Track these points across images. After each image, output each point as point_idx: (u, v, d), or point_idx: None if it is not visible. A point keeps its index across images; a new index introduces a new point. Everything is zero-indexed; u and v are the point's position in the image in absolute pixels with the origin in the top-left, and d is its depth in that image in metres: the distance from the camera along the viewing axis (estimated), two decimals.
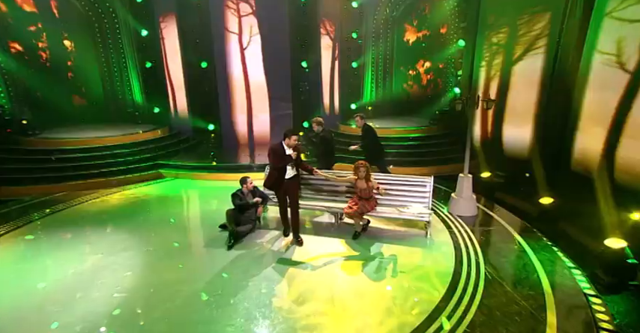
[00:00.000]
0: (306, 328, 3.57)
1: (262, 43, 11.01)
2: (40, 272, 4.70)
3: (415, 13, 11.88)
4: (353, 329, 3.58)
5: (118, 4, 10.37)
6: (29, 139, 8.76)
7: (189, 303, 3.99)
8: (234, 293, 4.14)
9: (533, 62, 7.30)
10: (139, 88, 11.16)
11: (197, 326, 3.62)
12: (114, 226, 6.13)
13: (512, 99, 7.97)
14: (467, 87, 9.48)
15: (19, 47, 9.31)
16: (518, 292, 4.11)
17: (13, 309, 3.94)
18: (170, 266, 4.80)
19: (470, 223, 6.03)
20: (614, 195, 5.25)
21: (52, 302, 4.00)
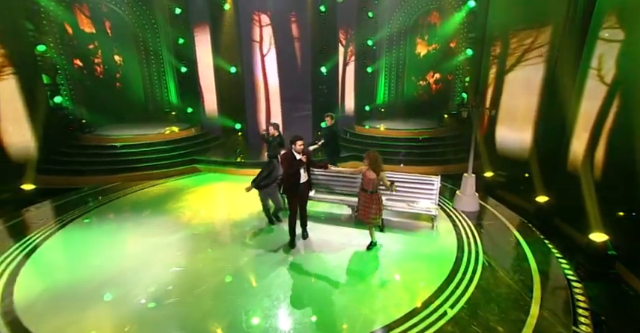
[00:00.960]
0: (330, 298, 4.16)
1: (284, 50, 11.55)
2: (100, 252, 5.29)
3: (426, 27, 12.19)
4: (371, 303, 4.14)
5: (159, 16, 11.06)
6: (85, 135, 9.56)
7: (232, 278, 4.61)
8: (269, 271, 4.75)
9: (534, 71, 7.62)
10: (175, 90, 11.84)
11: (238, 298, 4.20)
12: (160, 213, 6.74)
13: (514, 104, 8.29)
14: (473, 92, 9.83)
15: (80, 63, 10.29)
16: (510, 277, 4.61)
17: (72, 286, 4.43)
18: (213, 247, 5.44)
19: (472, 218, 6.48)
20: (597, 193, 5.62)
21: (108, 279, 4.56)
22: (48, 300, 4.16)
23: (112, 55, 11.01)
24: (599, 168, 5.91)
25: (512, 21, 8.16)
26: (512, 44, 8.05)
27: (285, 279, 4.59)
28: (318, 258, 5.13)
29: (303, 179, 5.21)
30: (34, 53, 8.86)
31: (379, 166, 4.85)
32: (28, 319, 3.80)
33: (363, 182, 5.03)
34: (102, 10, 10.58)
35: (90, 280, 4.54)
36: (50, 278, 4.65)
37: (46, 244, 5.49)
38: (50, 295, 4.25)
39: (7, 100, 8.05)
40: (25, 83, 8.32)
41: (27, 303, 4.08)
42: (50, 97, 9.28)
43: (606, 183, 5.76)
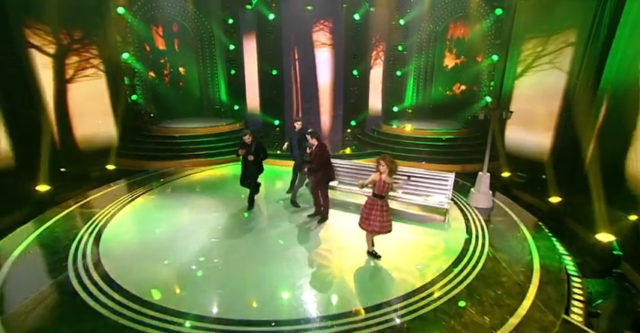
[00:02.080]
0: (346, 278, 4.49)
1: (320, 55, 11.84)
2: (159, 223, 5.95)
3: (454, 41, 11.91)
4: (371, 282, 4.40)
5: (215, 26, 11.77)
6: (153, 127, 10.50)
7: (264, 246, 5.08)
8: (293, 245, 5.17)
9: (556, 77, 7.31)
10: (225, 90, 12.59)
11: (264, 266, 4.64)
12: (206, 194, 7.37)
13: (535, 108, 8.00)
14: (497, 96, 9.54)
15: (153, 74, 11.40)
16: (512, 268, 4.64)
17: (141, 248, 5.09)
18: (249, 222, 5.96)
19: (484, 214, 6.46)
20: (607, 196, 5.41)
21: (166, 244, 5.17)
22: (123, 258, 4.82)
23: (178, 67, 12.09)
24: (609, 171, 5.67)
25: (537, 28, 7.83)
26: (536, 50, 7.75)
27: (307, 253, 4.96)
28: (339, 240, 5.44)
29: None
30: (120, 60, 9.94)
31: (392, 168, 4.37)
32: (113, 272, 4.46)
33: (377, 188, 4.41)
34: (172, 30, 11.65)
35: (153, 244, 5.19)
36: (124, 241, 5.31)
37: (121, 213, 6.29)
38: (124, 255, 4.91)
39: (98, 98, 9.15)
40: (111, 84, 9.40)
41: (109, 259, 4.77)
42: (129, 95, 10.37)
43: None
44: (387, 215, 4.51)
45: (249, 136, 5.99)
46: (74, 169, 8.17)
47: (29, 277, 4.37)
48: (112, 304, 3.78)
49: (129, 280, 4.22)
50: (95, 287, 4.07)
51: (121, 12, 9.70)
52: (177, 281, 4.27)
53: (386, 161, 4.34)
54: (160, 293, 4.00)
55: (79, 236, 5.34)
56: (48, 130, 7.65)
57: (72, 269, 4.45)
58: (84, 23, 8.66)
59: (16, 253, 4.92)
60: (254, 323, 3.56)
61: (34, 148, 7.30)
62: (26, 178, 6.96)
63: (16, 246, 5.09)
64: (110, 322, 3.52)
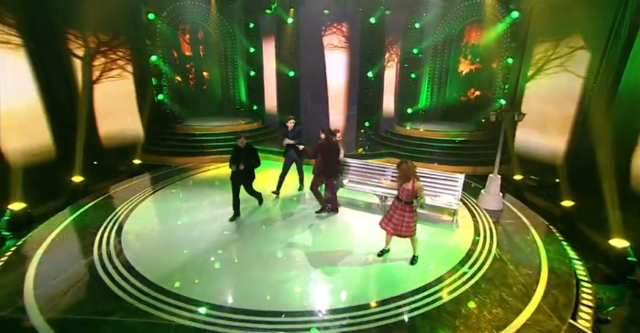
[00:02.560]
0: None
1: (336, 57, 11.78)
2: (178, 214, 6.10)
3: (470, 47, 11.53)
4: (380, 278, 4.33)
5: (237, 30, 11.95)
6: (177, 125, 10.77)
7: (277, 239, 5.09)
8: (309, 236, 5.17)
9: (573, 80, 6.95)
10: (245, 90, 12.75)
11: (282, 253, 4.70)
12: (223, 189, 7.29)
13: (549, 112, 7.64)
14: (511, 98, 9.18)
15: (180, 79, 11.72)
16: (518, 271, 4.45)
17: (160, 237, 5.24)
18: (263, 217, 5.97)
19: (494, 216, 6.23)
20: (621, 201, 5.09)
21: (183, 235, 5.28)
22: (143, 247, 4.99)
23: (202, 71, 12.36)
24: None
25: (553, 30, 7.47)
26: (552, 52, 7.39)
27: (318, 248, 4.95)
28: (348, 236, 5.42)
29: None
30: (148, 62, 10.26)
31: (408, 174, 4.12)
32: (132, 259, 4.61)
33: (401, 194, 4.25)
34: (198, 37, 11.92)
35: (172, 234, 5.32)
36: (145, 231, 5.46)
37: (143, 205, 6.48)
38: (143, 243, 5.08)
39: (127, 97, 9.48)
40: (140, 84, 9.72)
41: (130, 247, 4.94)
42: (155, 95, 10.69)
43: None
44: (407, 220, 4.26)
45: (244, 139, 5.54)
46: (104, 163, 8.50)
47: (60, 258, 4.58)
48: (130, 288, 3.91)
49: (146, 266, 4.34)
50: (115, 272, 4.22)
51: (151, 18, 10.00)
52: (191, 271, 4.34)
53: (399, 168, 4.20)
54: (174, 281, 4.08)
55: (104, 224, 5.55)
56: (82, 127, 7.99)
57: (96, 254, 4.63)
58: (117, 28, 9.00)
59: (52, 236, 5.18)
60: (265, 314, 3.56)
61: (71, 143, 7.66)
62: (64, 170, 7.32)
63: (52, 230, 5.37)
64: (126, 304, 3.64)
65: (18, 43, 6.79)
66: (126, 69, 9.29)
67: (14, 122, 6.64)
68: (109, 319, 3.43)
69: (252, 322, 3.45)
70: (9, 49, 6.66)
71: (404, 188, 4.18)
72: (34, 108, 7.11)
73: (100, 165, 8.35)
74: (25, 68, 6.97)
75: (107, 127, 8.85)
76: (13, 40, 6.70)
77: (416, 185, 4.10)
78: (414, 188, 4.11)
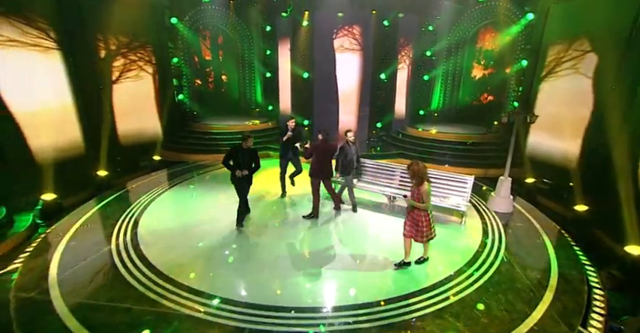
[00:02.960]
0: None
1: (348, 59, 11.66)
2: (193, 208, 6.18)
3: (483, 52, 11.16)
4: (391, 279, 4.22)
5: (254, 33, 12.04)
6: (195, 124, 10.96)
7: (288, 236, 5.05)
8: (321, 234, 5.09)
9: (589, 81, 6.57)
10: (261, 91, 12.83)
11: (293, 250, 4.65)
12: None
13: (564, 114, 7.26)
14: (525, 101, 8.80)
15: (199, 82, 11.95)
16: (526, 274, 4.24)
17: (174, 230, 5.27)
18: (277, 213, 5.96)
19: (503, 219, 6.00)
20: (638, 206, 4.75)
21: (197, 229, 5.31)
22: (157, 238, 5.05)
23: (221, 75, 12.53)
24: None
25: (569, 31, 7.09)
26: (567, 54, 7.02)
27: (329, 247, 4.87)
28: (359, 236, 5.34)
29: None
30: (170, 64, 10.49)
31: (422, 177, 3.84)
32: (147, 251, 4.70)
33: (413, 196, 4.04)
34: (218, 42, 12.10)
35: (186, 227, 5.37)
36: (160, 223, 5.54)
37: (160, 198, 6.59)
38: (158, 235, 5.14)
39: (149, 97, 9.71)
40: (161, 85, 9.94)
41: (144, 238, 5.03)
42: (176, 95, 10.92)
43: None
44: (418, 225, 4.01)
45: (251, 141, 5.06)
46: (127, 159, 8.74)
47: (82, 247, 4.72)
48: (142, 277, 3.97)
49: (159, 257, 4.40)
50: (130, 261, 4.30)
51: (173, 22, 10.21)
52: (202, 263, 4.36)
53: (409, 169, 3.91)
54: (184, 273, 4.11)
55: (123, 216, 5.69)
56: (107, 124, 8.24)
57: (114, 244, 4.74)
58: (142, 31, 9.21)
59: (76, 226, 5.36)
60: (274, 309, 3.51)
61: (97, 140, 7.91)
62: (90, 165, 7.57)
63: (77, 220, 5.55)
64: (138, 293, 3.70)
65: (53, 47, 7.06)
66: (148, 70, 9.51)
67: (49, 120, 6.92)
68: (120, 306, 3.49)
69: (263, 317, 3.41)
70: (46, 52, 6.94)
71: (412, 190, 4.00)
72: (66, 107, 7.39)
73: (123, 160, 8.58)
74: (60, 70, 7.25)
75: (129, 125, 9.07)
76: (46, 44, 6.98)
77: (422, 189, 3.84)
78: (420, 192, 3.87)
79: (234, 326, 3.29)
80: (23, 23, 6.46)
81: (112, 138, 8.38)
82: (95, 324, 3.26)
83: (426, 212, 3.97)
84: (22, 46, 6.51)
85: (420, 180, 3.84)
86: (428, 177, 3.89)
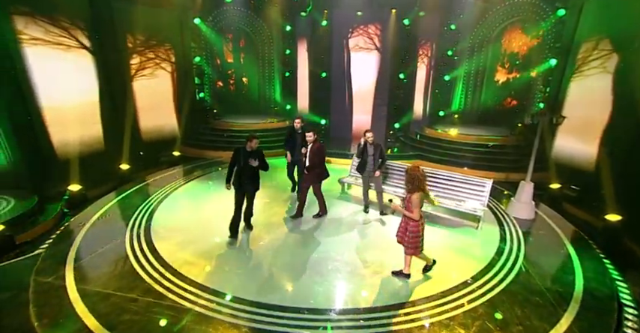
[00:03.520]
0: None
1: (367, 59, 11.39)
2: (209, 204, 6.17)
3: (508, 55, 10.53)
4: (401, 284, 4.01)
5: (274, 33, 12.03)
6: (215, 121, 11.10)
7: (302, 237, 4.94)
8: (335, 235, 4.95)
9: (625, 80, 5.96)
10: (280, 90, 12.83)
11: (307, 251, 4.53)
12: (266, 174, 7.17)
13: (596, 116, 6.66)
14: (552, 102, 8.17)
15: (221, 84, 12.17)
16: (547, 287, 3.87)
17: (187, 224, 5.26)
18: (291, 212, 5.80)
19: (523, 225, 5.57)
20: None
21: (210, 224, 5.26)
22: (169, 231, 5.09)
23: (242, 78, 12.64)
24: None
25: (606, 28, 6.48)
26: (602, 53, 6.42)
27: (342, 249, 4.65)
28: (372, 239, 5.12)
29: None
30: (192, 62, 10.69)
31: (417, 185, 3.47)
32: (156, 242, 4.76)
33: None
34: (239, 45, 12.21)
35: (199, 223, 5.36)
36: (173, 216, 5.60)
37: (176, 193, 6.67)
38: (170, 228, 5.18)
39: (171, 94, 9.95)
40: (183, 83, 10.16)
41: (157, 231, 5.08)
42: (197, 93, 11.14)
43: None
44: (406, 232, 3.68)
45: (256, 142, 4.50)
46: (148, 154, 8.99)
47: (99, 236, 4.84)
48: (150, 269, 3.99)
49: (168, 250, 4.42)
50: (141, 253, 4.35)
51: (197, 22, 10.40)
52: (211, 259, 4.30)
53: (407, 173, 3.53)
54: (192, 268, 4.07)
55: (140, 208, 5.80)
56: (130, 120, 8.50)
57: (128, 235, 4.82)
58: (166, 31, 9.45)
59: (96, 216, 5.52)
60: (286, 309, 3.39)
61: (120, 135, 8.18)
62: (114, 158, 7.84)
63: (97, 211, 5.72)
64: (145, 284, 3.71)
65: (83, 46, 7.37)
66: (171, 69, 9.74)
67: (79, 116, 7.23)
68: (126, 296, 3.51)
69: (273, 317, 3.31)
70: (75, 51, 7.25)
71: (407, 197, 3.61)
72: (93, 104, 7.69)
73: (144, 155, 8.83)
74: (89, 68, 7.56)
75: (151, 122, 9.33)
76: (76, 43, 7.29)
77: (412, 197, 3.45)
78: (410, 199, 3.48)
79: (232, 323, 3.21)
80: (56, 24, 6.79)
81: (135, 134, 8.64)
82: (101, 311, 3.30)
83: (416, 222, 3.59)
84: (55, 45, 6.84)
85: (414, 187, 3.47)
86: (425, 186, 3.50)
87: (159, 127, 9.55)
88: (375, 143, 5.47)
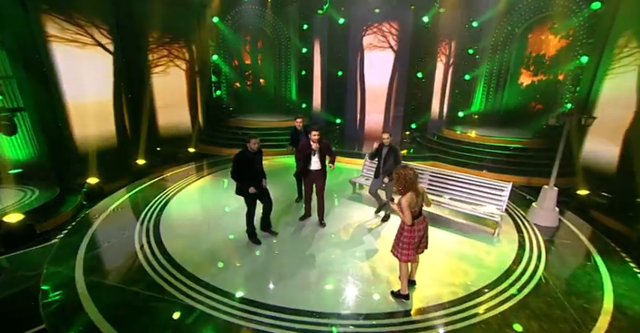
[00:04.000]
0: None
1: (384, 57, 11.08)
2: (219, 200, 6.11)
3: (533, 57, 9.89)
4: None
5: (292, 32, 11.99)
6: (230, 119, 11.20)
7: (316, 238, 4.79)
8: (349, 237, 4.79)
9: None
10: (295, 89, 12.78)
11: (319, 252, 4.39)
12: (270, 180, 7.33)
13: (632, 117, 6.08)
14: (582, 102, 7.57)
15: (238, 85, 12.29)
16: (570, 302, 3.52)
17: (196, 220, 5.27)
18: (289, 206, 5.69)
19: (545, 233, 5.16)
20: None
21: (219, 221, 5.26)
22: (177, 227, 5.10)
23: (259, 79, 12.74)
24: None
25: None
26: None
27: (356, 251, 4.49)
28: (388, 242, 4.92)
29: (316, 167, 4.78)
30: (209, 60, 10.84)
31: (406, 186, 3.10)
32: (164, 237, 4.78)
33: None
34: (257, 46, 12.29)
35: (209, 219, 5.36)
36: (183, 212, 5.62)
37: (188, 189, 6.72)
38: (178, 224, 5.20)
39: (188, 92, 10.11)
40: (201, 80, 10.31)
41: (166, 226, 5.11)
42: (214, 91, 11.28)
43: None
44: (401, 239, 3.30)
45: (257, 141, 4.20)
46: (165, 150, 9.17)
47: (110, 229, 4.93)
48: (155, 264, 3.98)
49: (176, 246, 4.39)
50: (148, 247, 4.37)
51: (215, 21, 10.52)
52: (218, 257, 4.21)
53: (396, 173, 3.16)
54: (195, 264, 4.01)
55: (152, 202, 5.88)
56: (146, 117, 8.70)
57: (137, 230, 4.87)
58: (184, 29, 9.59)
59: (110, 209, 5.64)
60: (299, 312, 3.25)
61: (138, 131, 8.39)
62: (131, 154, 8.05)
63: (112, 203, 5.85)
64: (149, 278, 3.70)
65: (105, 43, 7.61)
66: (188, 66, 9.89)
67: (99, 112, 7.47)
68: (129, 289, 3.51)
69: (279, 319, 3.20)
70: (98, 48, 7.49)
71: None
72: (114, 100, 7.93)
73: (161, 151, 9.01)
74: (110, 65, 7.80)
75: (168, 118, 9.50)
76: (97, 41, 7.53)
77: (402, 199, 3.07)
78: (399, 201, 3.11)
79: (229, 321, 3.12)
80: (80, 23, 7.03)
81: (152, 130, 8.83)
82: (104, 302, 3.31)
83: (409, 228, 3.20)
84: (79, 43, 7.09)
85: (403, 189, 3.09)
86: (416, 188, 3.11)
87: (175, 124, 9.72)
88: (391, 146, 5.07)
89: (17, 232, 4.80)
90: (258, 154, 4.34)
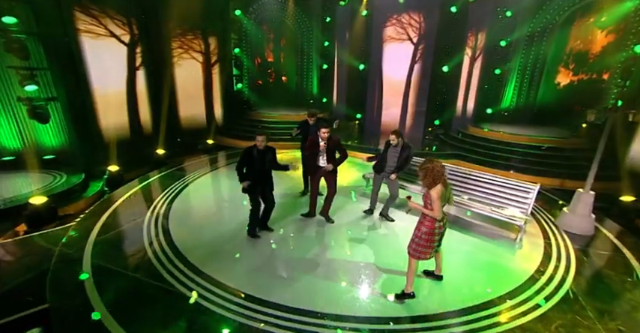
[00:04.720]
0: None
1: (407, 50, 10.55)
2: (231, 192, 5.98)
3: (573, 55, 8.90)
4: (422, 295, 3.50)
5: (314, 25, 11.75)
6: (251, 112, 11.23)
7: (329, 236, 4.63)
8: (362, 238, 4.57)
9: None
10: (317, 83, 12.55)
11: (331, 252, 4.22)
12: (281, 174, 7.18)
13: None
14: (632, 97, 6.69)
15: (260, 82, 12.34)
16: (603, 322, 3.06)
17: (205, 211, 5.18)
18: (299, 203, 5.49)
19: (577, 242, 4.60)
20: None
21: (229, 213, 5.20)
22: (185, 217, 5.11)
23: (282, 76, 12.70)
24: None
25: None
26: None
27: (368, 253, 4.28)
28: (401, 244, 4.64)
29: (323, 163, 4.59)
30: (232, 54, 10.88)
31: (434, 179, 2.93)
32: (171, 227, 4.79)
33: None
34: (280, 45, 12.24)
35: (219, 211, 5.34)
36: (194, 203, 5.62)
37: (201, 180, 6.71)
38: (187, 214, 5.18)
39: (210, 84, 10.23)
40: (222, 73, 10.40)
41: (175, 216, 5.12)
42: (235, 84, 11.34)
43: None
44: (415, 230, 3.17)
45: (263, 139, 3.96)
46: (184, 140, 9.35)
47: (123, 215, 5.02)
48: (160, 254, 3.96)
49: (181, 237, 4.35)
50: (155, 236, 4.38)
51: (237, 14, 10.51)
52: (223, 250, 4.10)
53: (420, 168, 3.01)
54: (199, 255, 3.95)
55: (164, 192, 5.95)
56: (166, 109, 8.87)
57: (147, 217, 4.92)
58: (207, 21, 9.65)
59: (125, 196, 5.77)
60: (302, 313, 3.09)
61: (158, 122, 8.59)
62: (152, 143, 8.28)
63: (128, 191, 5.98)
64: (152, 268, 3.68)
65: (131, 35, 7.82)
66: (210, 59, 9.97)
67: (122, 103, 7.72)
68: (130, 275, 3.52)
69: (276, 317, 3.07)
70: (124, 41, 7.72)
71: (425, 194, 3.06)
72: (142, 92, 8.16)
73: (180, 142, 9.20)
74: (137, 58, 8.02)
75: (188, 111, 9.65)
76: (123, 33, 7.74)
77: (431, 192, 2.92)
78: (428, 195, 2.96)
79: (229, 317, 3.02)
80: (106, 16, 7.26)
81: (173, 121, 9.02)
82: (105, 286, 3.34)
83: (431, 221, 3.02)
84: (105, 36, 7.33)
85: (431, 181, 2.92)
86: (445, 180, 2.97)
87: (196, 115, 9.89)
88: (404, 145, 4.66)
89: (41, 213, 5.04)
90: (268, 154, 4.06)
